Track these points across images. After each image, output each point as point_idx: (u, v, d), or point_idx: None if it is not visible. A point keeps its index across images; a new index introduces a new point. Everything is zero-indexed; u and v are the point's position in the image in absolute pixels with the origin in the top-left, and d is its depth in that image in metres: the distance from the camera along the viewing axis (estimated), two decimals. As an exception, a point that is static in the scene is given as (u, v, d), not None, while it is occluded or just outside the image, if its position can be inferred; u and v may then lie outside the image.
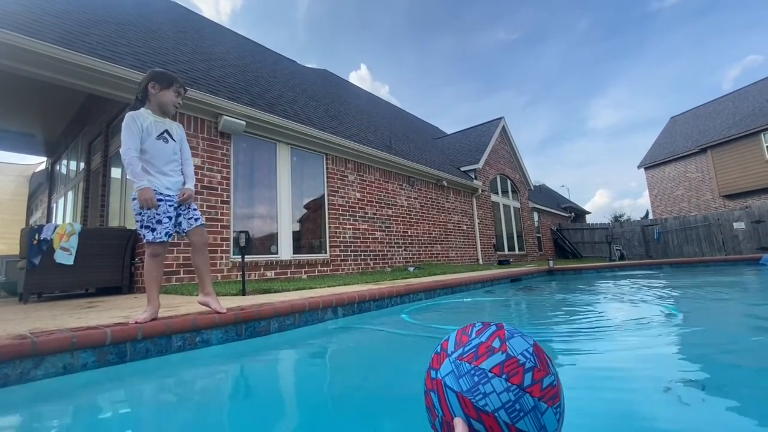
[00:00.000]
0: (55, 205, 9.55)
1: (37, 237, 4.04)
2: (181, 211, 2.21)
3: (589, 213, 29.38)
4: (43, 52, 3.78)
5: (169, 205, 2.15)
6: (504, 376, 0.53)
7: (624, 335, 2.30)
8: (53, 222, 9.23)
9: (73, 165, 8.48)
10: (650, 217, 23.40)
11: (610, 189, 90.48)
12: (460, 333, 0.63)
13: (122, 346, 1.78)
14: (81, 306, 3.16)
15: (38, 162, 10.19)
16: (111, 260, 4.51)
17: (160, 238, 2.11)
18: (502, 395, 0.52)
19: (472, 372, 0.55)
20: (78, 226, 4.31)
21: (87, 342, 1.66)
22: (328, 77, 13.59)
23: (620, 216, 38.26)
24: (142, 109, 2.17)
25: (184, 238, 2.27)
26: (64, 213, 8.67)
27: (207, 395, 1.60)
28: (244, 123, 5.44)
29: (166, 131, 2.19)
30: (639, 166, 22.00)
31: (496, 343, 0.57)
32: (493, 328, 0.61)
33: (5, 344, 1.48)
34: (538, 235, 17.40)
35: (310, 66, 13.82)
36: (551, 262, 8.39)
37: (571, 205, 25.71)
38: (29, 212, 10.60)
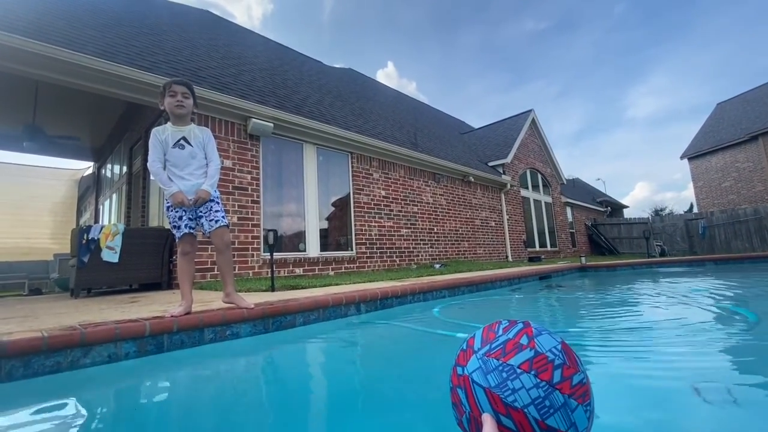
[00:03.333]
0: (101, 207, 10.23)
1: (85, 237, 4.37)
2: (202, 213, 2.33)
3: (626, 207, 28.06)
4: (87, 65, 4.07)
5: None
6: (533, 372, 0.52)
7: (685, 340, 1.97)
8: (100, 223, 9.89)
9: (116, 169, 9.05)
10: (695, 210, 22.06)
11: (652, 181, 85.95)
12: (486, 330, 0.63)
13: (160, 337, 1.92)
14: (125, 301, 3.40)
15: (86, 167, 10.93)
16: (151, 258, 4.80)
17: (184, 231, 2.28)
18: (532, 391, 0.51)
19: (501, 368, 0.54)
20: (121, 227, 4.62)
21: (129, 333, 1.80)
22: (354, 76, 13.71)
23: (661, 210, 36.33)
24: (167, 123, 2.35)
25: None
26: (110, 214, 9.27)
27: (236, 382, 1.70)
28: (272, 125, 5.62)
29: (183, 138, 2.31)
30: (682, 157, 20.76)
31: (523, 340, 0.57)
32: (520, 325, 0.60)
33: (58, 335, 1.64)
34: (571, 230, 16.83)
35: (336, 66, 14.00)
36: (583, 259, 8.11)
37: (607, 199, 24.65)
38: (79, 214, 11.39)
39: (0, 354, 1.48)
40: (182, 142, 2.30)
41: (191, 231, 2.31)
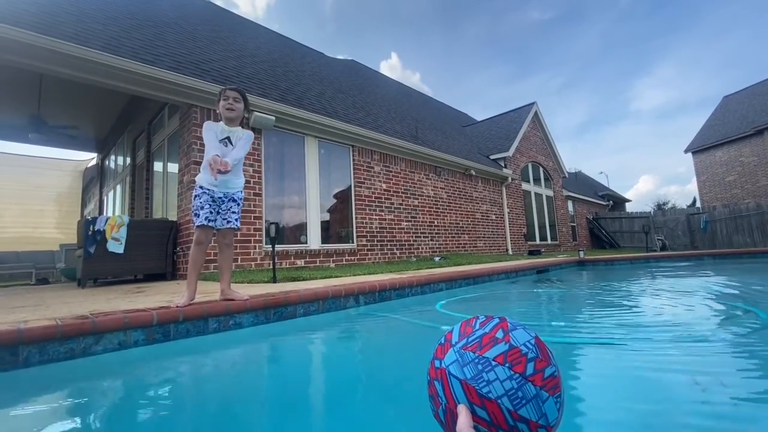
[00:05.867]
0: (105, 198, 10.34)
1: (91, 228, 4.47)
2: (221, 210, 2.48)
3: (629, 201, 27.99)
4: (91, 59, 4.12)
5: (209, 197, 2.43)
6: (507, 365, 0.55)
7: (695, 338, 1.88)
8: (105, 214, 10.01)
9: (120, 160, 9.14)
10: (698, 204, 21.99)
11: (656, 175, 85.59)
12: (464, 325, 0.65)
13: (167, 326, 2.01)
14: (131, 291, 3.50)
15: (90, 158, 11.02)
16: (156, 249, 4.90)
17: (201, 222, 2.39)
18: (505, 383, 0.53)
19: (476, 361, 0.56)
20: (126, 218, 4.71)
21: (137, 322, 1.90)
22: (356, 68, 13.66)
23: (664, 204, 36.26)
24: (221, 121, 2.55)
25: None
26: (114, 205, 9.38)
27: (239, 369, 1.80)
28: (273, 118, 5.66)
29: (227, 138, 2.52)
30: (686, 151, 20.61)
31: (499, 334, 0.59)
32: (496, 320, 0.63)
33: (70, 323, 1.73)
34: (572, 224, 16.85)
35: (339, 57, 13.94)
36: (582, 253, 8.17)
37: (610, 192, 24.57)
38: (83, 204, 11.50)
39: (18, 341, 1.58)
40: (226, 140, 2.50)
41: (209, 224, 2.43)
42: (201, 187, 2.43)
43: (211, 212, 2.43)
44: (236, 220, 2.52)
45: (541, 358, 0.57)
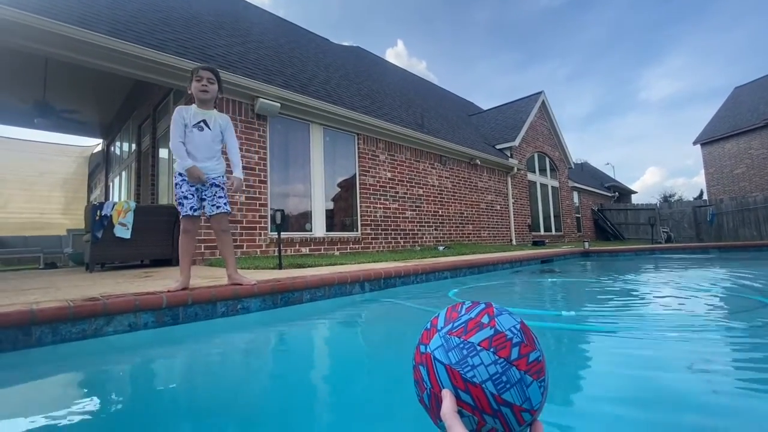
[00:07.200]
0: (111, 184, 10.39)
1: (99, 213, 4.50)
2: (206, 196, 2.41)
3: (635, 193, 27.81)
4: (98, 43, 4.09)
5: (190, 185, 2.36)
6: (492, 350, 0.54)
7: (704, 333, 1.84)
8: (111, 199, 10.06)
9: (125, 146, 9.15)
10: (705, 197, 21.80)
11: (663, 167, 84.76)
12: (449, 310, 0.65)
13: (176, 309, 2.04)
14: (138, 275, 3.54)
15: (95, 144, 11.04)
16: (162, 235, 4.93)
17: (186, 212, 2.35)
18: (490, 367, 0.53)
19: (461, 345, 0.56)
20: (133, 204, 4.73)
21: (147, 305, 1.92)
22: (361, 54, 13.50)
23: (671, 196, 36.03)
24: (193, 105, 2.42)
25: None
26: (120, 191, 9.43)
27: (246, 350, 1.82)
28: (278, 105, 5.63)
29: (203, 121, 2.39)
30: (695, 142, 20.35)
31: (484, 319, 0.59)
32: (482, 305, 0.62)
33: (82, 304, 1.76)
34: (577, 215, 16.78)
35: (344, 44, 13.77)
36: (587, 244, 8.16)
37: (615, 184, 24.39)
38: (89, 190, 11.56)
39: (31, 321, 1.60)
40: (202, 124, 2.38)
41: (194, 213, 2.38)
42: (180, 174, 2.35)
43: (195, 200, 2.37)
44: (225, 204, 2.45)
45: (526, 342, 0.57)
